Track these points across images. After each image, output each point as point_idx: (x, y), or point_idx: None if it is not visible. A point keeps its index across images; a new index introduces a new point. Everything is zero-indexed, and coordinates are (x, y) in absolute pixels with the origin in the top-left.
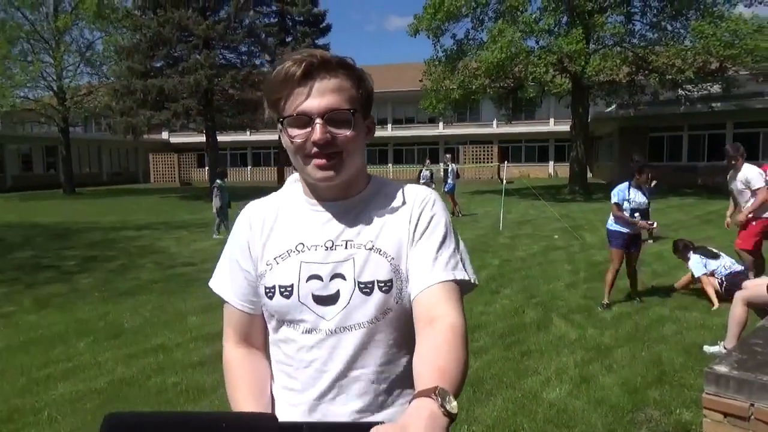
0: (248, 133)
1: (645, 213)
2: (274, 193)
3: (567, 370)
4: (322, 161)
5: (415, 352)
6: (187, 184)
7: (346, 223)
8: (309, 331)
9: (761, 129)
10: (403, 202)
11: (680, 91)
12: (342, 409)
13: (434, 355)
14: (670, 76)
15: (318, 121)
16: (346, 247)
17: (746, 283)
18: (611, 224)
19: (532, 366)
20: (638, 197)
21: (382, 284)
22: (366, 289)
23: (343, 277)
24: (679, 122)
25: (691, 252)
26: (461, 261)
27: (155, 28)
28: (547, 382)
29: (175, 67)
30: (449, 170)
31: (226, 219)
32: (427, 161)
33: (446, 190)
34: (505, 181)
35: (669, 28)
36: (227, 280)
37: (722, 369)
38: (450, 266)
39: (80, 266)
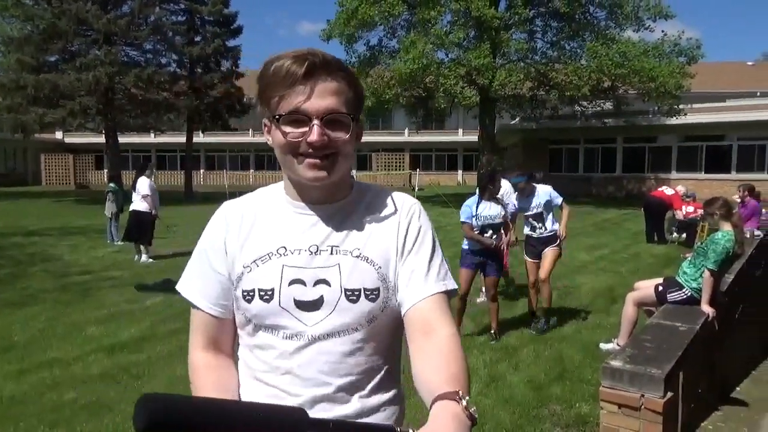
0: (152, 134)
1: (498, 228)
2: (249, 193)
3: (477, 371)
4: (316, 161)
5: (416, 360)
6: (83, 186)
7: (332, 228)
8: (290, 337)
9: (646, 144)
10: (392, 211)
11: (577, 107)
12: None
13: (444, 363)
14: (568, 93)
15: (316, 122)
16: (331, 253)
17: (637, 284)
18: (464, 242)
19: None
20: (490, 210)
21: (369, 292)
22: (353, 296)
23: (327, 283)
24: (576, 136)
25: None
26: (448, 270)
27: (50, 19)
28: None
29: (71, 62)
30: None
31: (117, 225)
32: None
33: None
34: (416, 189)
35: (567, 47)
36: (197, 283)
37: (617, 364)
38: (441, 277)
39: None
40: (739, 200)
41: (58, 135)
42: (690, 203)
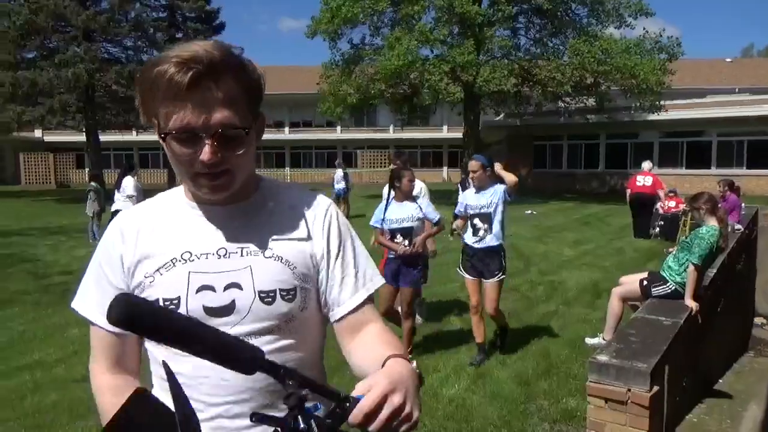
0: (134, 132)
1: (409, 232)
2: (146, 200)
3: (464, 367)
4: (212, 181)
5: (354, 353)
6: (64, 186)
7: (240, 229)
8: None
9: (629, 140)
10: (306, 210)
11: (560, 103)
12: (243, 423)
13: (383, 342)
14: (551, 89)
15: (207, 141)
16: (241, 255)
17: (622, 279)
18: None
19: (432, 364)
20: (399, 213)
21: (285, 293)
22: (268, 298)
23: (239, 286)
24: (559, 132)
25: None
26: (371, 263)
27: (26, 15)
28: (446, 379)
29: (50, 59)
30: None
31: (98, 224)
32: (338, 161)
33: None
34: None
35: (550, 44)
36: (94, 299)
37: (603, 358)
38: (368, 278)
39: None
40: (720, 195)
41: (38, 133)
42: (672, 198)
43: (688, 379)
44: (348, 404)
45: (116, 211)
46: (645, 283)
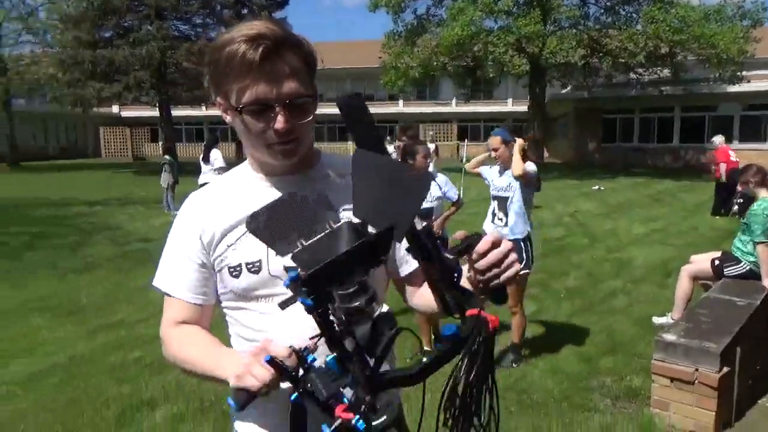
0: (204, 107)
1: (427, 215)
2: (212, 182)
3: (525, 342)
4: (284, 147)
5: (421, 294)
6: (140, 159)
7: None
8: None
9: (707, 113)
10: None
11: (632, 75)
12: None
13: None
14: (622, 60)
15: (280, 110)
16: None
17: (693, 258)
18: None
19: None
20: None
21: None
22: None
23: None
24: (630, 105)
25: None
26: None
27: None
28: (506, 352)
29: (125, 37)
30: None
31: (173, 195)
32: (387, 138)
33: None
34: (464, 160)
35: (622, 12)
36: (177, 276)
37: (671, 337)
38: None
39: (31, 243)
40: None
41: (115, 109)
42: None
43: (762, 362)
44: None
45: (204, 184)
46: (717, 262)
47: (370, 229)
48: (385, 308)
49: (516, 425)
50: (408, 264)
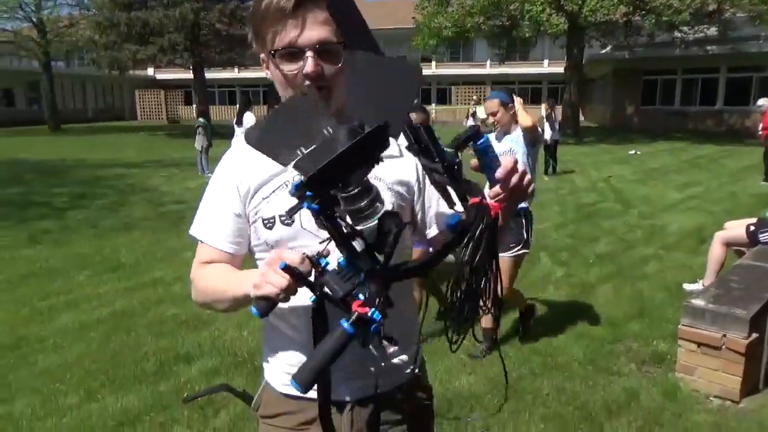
0: (236, 70)
1: None
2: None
3: (552, 305)
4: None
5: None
6: (175, 122)
7: None
8: None
9: (754, 73)
10: (399, 150)
11: (676, 33)
12: None
13: None
14: (666, 18)
15: (309, 54)
16: None
17: (727, 224)
18: None
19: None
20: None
21: None
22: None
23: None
24: (673, 66)
25: None
26: None
27: None
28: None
29: None
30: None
31: (207, 158)
32: (474, 98)
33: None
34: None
35: None
36: (212, 224)
37: (699, 303)
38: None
39: (71, 203)
40: None
41: (150, 71)
42: None
43: None
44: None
45: None
46: (752, 228)
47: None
48: (389, 206)
49: (539, 386)
50: (433, 228)
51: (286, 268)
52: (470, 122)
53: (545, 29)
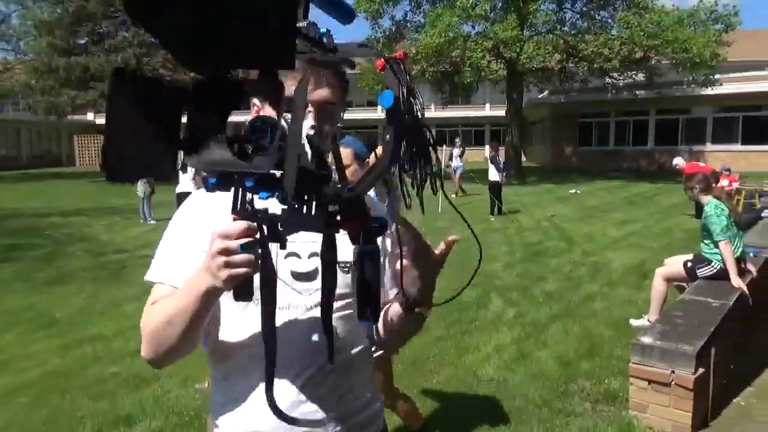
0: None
1: None
2: (192, 190)
3: (505, 347)
4: None
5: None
6: None
7: None
8: (286, 308)
9: (680, 115)
10: (382, 190)
11: (607, 79)
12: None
13: None
14: (597, 65)
15: (311, 110)
16: None
17: (666, 260)
18: None
19: (473, 343)
20: None
21: (344, 264)
22: (345, 267)
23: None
24: (606, 109)
25: None
26: None
27: (78, 2)
28: (486, 359)
29: (100, 44)
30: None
31: (150, 205)
32: (456, 140)
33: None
34: (443, 165)
35: (597, 17)
36: (174, 264)
37: (647, 340)
38: None
39: (4, 255)
40: None
41: (90, 116)
42: (726, 176)
43: (737, 361)
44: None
45: (182, 193)
46: (689, 264)
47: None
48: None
49: None
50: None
51: (246, 246)
52: (454, 163)
53: (486, 75)
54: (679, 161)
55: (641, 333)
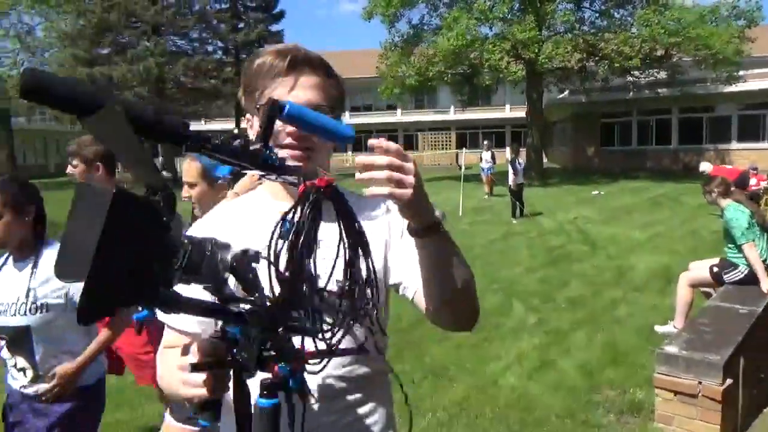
0: (203, 122)
1: None
2: (220, 209)
3: (527, 355)
4: (295, 152)
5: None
6: None
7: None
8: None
9: (704, 114)
10: (380, 209)
11: (628, 78)
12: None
13: None
14: (618, 63)
15: None
16: (321, 247)
17: (691, 265)
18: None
19: (494, 351)
20: None
21: None
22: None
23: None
24: (628, 108)
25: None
26: None
27: (100, 13)
28: (508, 368)
29: (123, 54)
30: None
31: None
32: (486, 143)
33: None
34: (463, 168)
35: (616, 15)
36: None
37: (672, 349)
38: None
39: None
40: None
41: None
42: (753, 175)
43: (767, 370)
44: None
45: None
46: (716, 269)
47: None
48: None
49: None
50: (412, 283)
51: (193, 368)
52: (484, 164)
53: (504, 76)
54: (706, 167)
55: (666, 341)
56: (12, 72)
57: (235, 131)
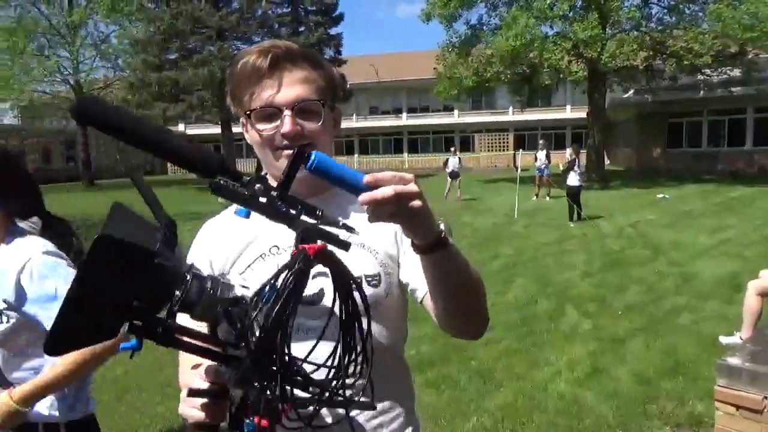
0: None
1: None
2: (229, 207)
3: (579, 362)
4: (292, 151)
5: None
6: None
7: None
8: (296, 331)
9: None
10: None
11: (699, 76)
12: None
13: None
14: (687, 61)
15: (287, 112)
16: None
17: (762, 272)
18: None
19: (544, 357)
20: None
21: (371, 278)
22: (373, 281)
23: (326, 274)
24: (698, 107)
25: None
26: None
27: (168, 20)
28: (558, 374)
29: (189, 59)
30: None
31: None
32: (452, 149)
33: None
34: (519, 170)
35: (686, 11)
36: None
37: (735, 361)
38: None
39: None
40: None
41: (181, 127)
42: None
43: None
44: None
45: None
46: None
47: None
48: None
49: None
50: (422, 286)
51: (191, 393)
52: (449, 168)
53: (565, 76)
54: None
55: (728, 353)
56: (89, 77)
57: (260, 173)
